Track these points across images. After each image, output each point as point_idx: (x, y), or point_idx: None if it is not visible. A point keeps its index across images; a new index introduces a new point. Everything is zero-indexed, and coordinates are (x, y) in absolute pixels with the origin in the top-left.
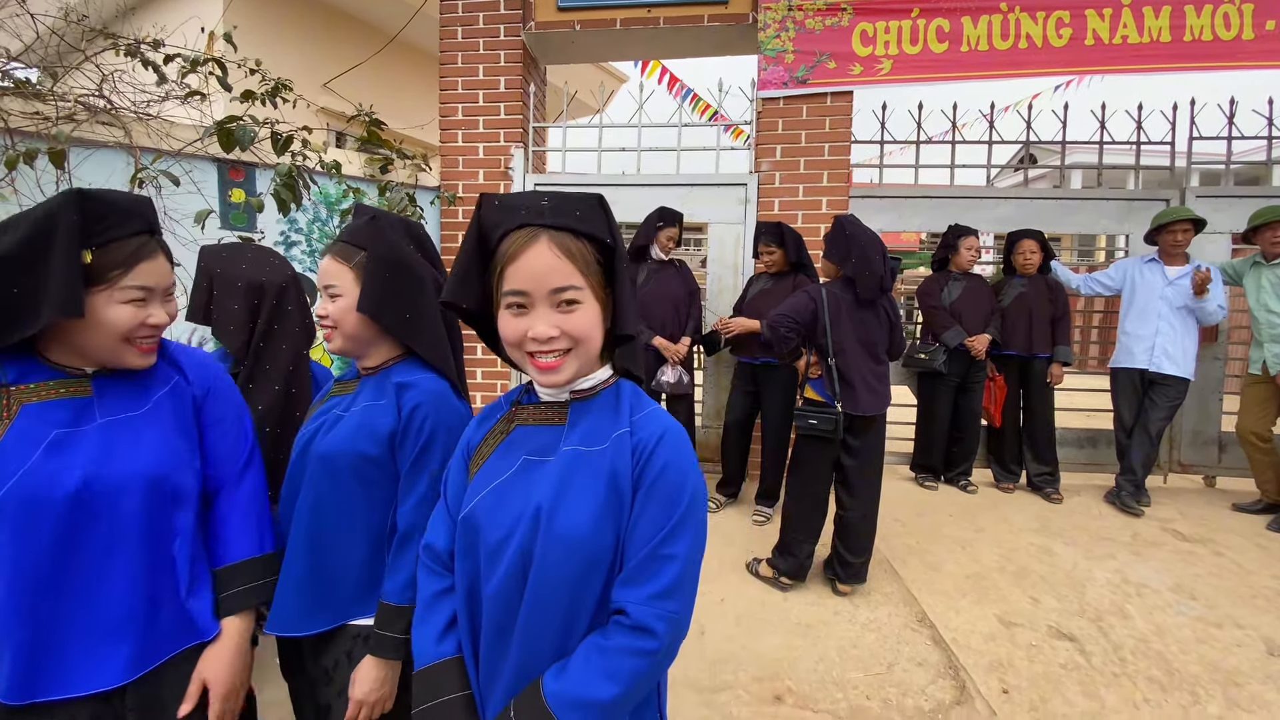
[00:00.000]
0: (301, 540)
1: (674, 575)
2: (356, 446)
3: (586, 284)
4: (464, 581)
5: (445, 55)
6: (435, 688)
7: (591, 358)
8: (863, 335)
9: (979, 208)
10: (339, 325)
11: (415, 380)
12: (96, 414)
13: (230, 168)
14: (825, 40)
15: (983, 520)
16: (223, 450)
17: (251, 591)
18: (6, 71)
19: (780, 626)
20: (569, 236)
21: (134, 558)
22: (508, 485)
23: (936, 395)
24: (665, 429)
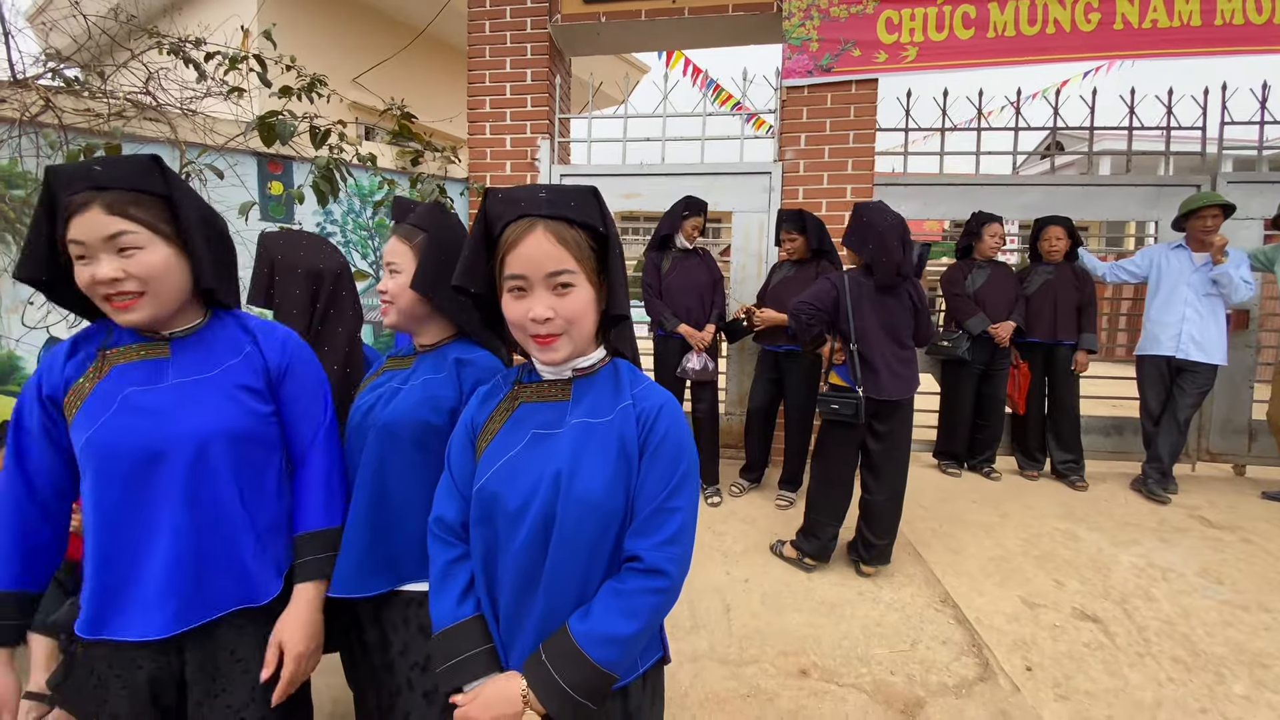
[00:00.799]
0: (364, 505)
1: (679, 524)
2: (419, 415)
3: (580, 268)
4: (481, 547)
5: (473, 49)
6: (458, 645)
7: (586, 337)
8: (886, 320)
9: (1005, 195)
10: (395, 300)
11: (474, 357)
12: (170, 374)
13: (269, 161)
14: (850, 28)
15: (1006, 506)
16: (300, 425)
17: (320, 563)
18: (58, 70)
19: (805, 605)
20: (564, 225)
21: (183, 514)
22: (521, 457)
23: (960, 382)
24: (664, 401)
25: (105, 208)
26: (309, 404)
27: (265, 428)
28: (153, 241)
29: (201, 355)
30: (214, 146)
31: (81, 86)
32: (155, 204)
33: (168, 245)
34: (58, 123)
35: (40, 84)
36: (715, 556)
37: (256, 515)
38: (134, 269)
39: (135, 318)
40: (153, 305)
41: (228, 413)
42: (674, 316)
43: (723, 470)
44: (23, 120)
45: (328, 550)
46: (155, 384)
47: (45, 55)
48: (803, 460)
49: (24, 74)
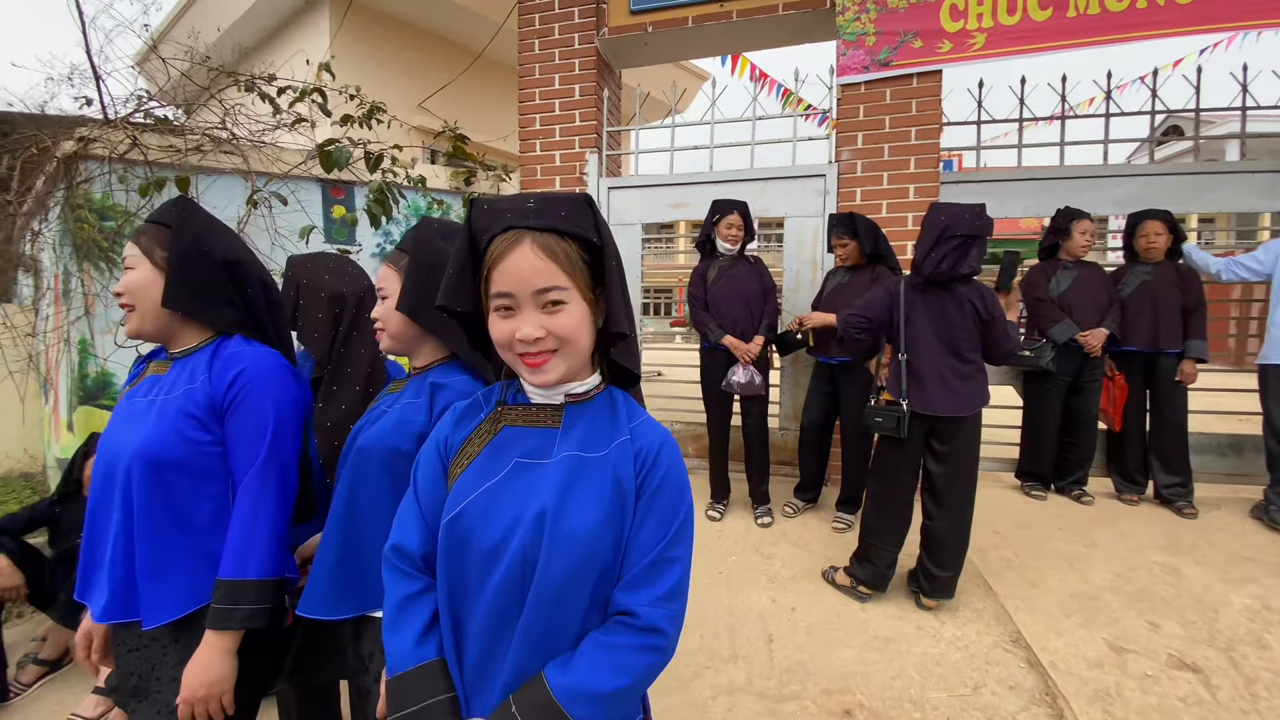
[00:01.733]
0: (336, 527)
1: (678, 577)
2: (390, 441)
3: (572, 284)
4: (447, 587)
5: (523, 68)
6: (418, 691)
7: (581, 358)
8: (942, 330)
9: (1095, 188)
10: (385, 325)
11: (450, 381)
12: (158, 391)
13: (333, 186)
14: (910, 18)
15: (1097, 535)
16: (234, 464)
17: (217, 613)
18: (148, 111)
19: (855, 639)
20: (553, 237)
21: (119, 519)
22: (501, 487)
23: (1045, 397)
24: (664, 438)
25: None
26: (245, 444)
27: (200, 456)
28: (142, 263)
29: (176, 377)
30: (280, 175)
31: (164, 124)
32: (158, 233)
33: (153, 269)
34: (143, 159)
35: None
36: (760, 581)
37: (168, 540)
38: (125, 284)
39: (129, 327)
40: (136, 318)
41: (159, 436)
42: (719, 328)
43: (775, 489)
44: (111, 158)
45: (226, 601)
46: (143, 397)
47: (136, 97)
48: (862, 480)
49: (116, 115)
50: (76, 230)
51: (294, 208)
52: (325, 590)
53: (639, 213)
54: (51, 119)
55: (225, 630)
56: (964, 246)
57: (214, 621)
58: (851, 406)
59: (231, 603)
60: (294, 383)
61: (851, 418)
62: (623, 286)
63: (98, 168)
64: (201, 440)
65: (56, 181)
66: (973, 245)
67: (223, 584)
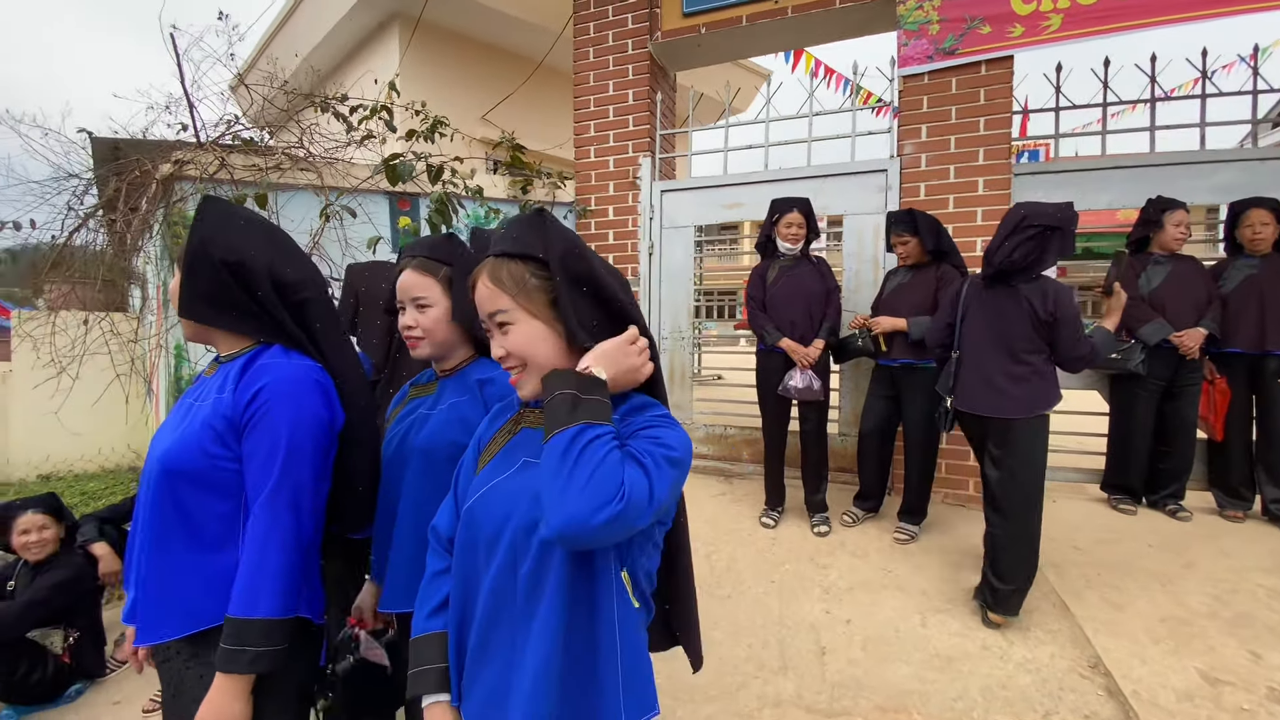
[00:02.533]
0: (408, 525)
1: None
2: (450, 436)
3: (515, 304)
4: (461, 573)
5: (578, 75)
6: (417, 657)
7: (547, 369)
8: (995, 329)
9: (1190, 175)
10: (429, 335)
11: (494, 375)
12: (198, 395)
13: (399, 198)
14: (977, 3)
15: (1194, 553)
16: (248, 481)
17: (225, 654)
18: (235, 134)
19: (915, 656)
20: (505, 261)
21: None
22: (507, 483)
23: (1135, 402)
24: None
25: None
26: (257, 467)
27: (215, 471)
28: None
29: (213, 383)
30: (350, 189)
31: (249, 145)
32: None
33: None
34: (230, 178)
35: (217, 145)
36: (814, 591)
37: (172, 552)
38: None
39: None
40: (187, 326)
41: (181, 445)
42: (775, 330)
43: (834, 497)
44: (202, 178)
45: (233, 641)
46: (190, 400)
47: (225, 121)
48: (925, 490)
49: (207, 138)
50: (173, 245)
51: (363, 220)
52: (407, 584)
53: (692, 215)
54: (151, 144)
55: (233, 673)
56: (1041, 237)
57: (221, 663)
58: (916, 412)
59: (238, 643)
60: (320, 401)
61: (914, 423)
62: (595, 294)
63: (191, 187)
64: (217, 455)
65: (157, 201)
66: (1052, 237)
67: (231, 622)
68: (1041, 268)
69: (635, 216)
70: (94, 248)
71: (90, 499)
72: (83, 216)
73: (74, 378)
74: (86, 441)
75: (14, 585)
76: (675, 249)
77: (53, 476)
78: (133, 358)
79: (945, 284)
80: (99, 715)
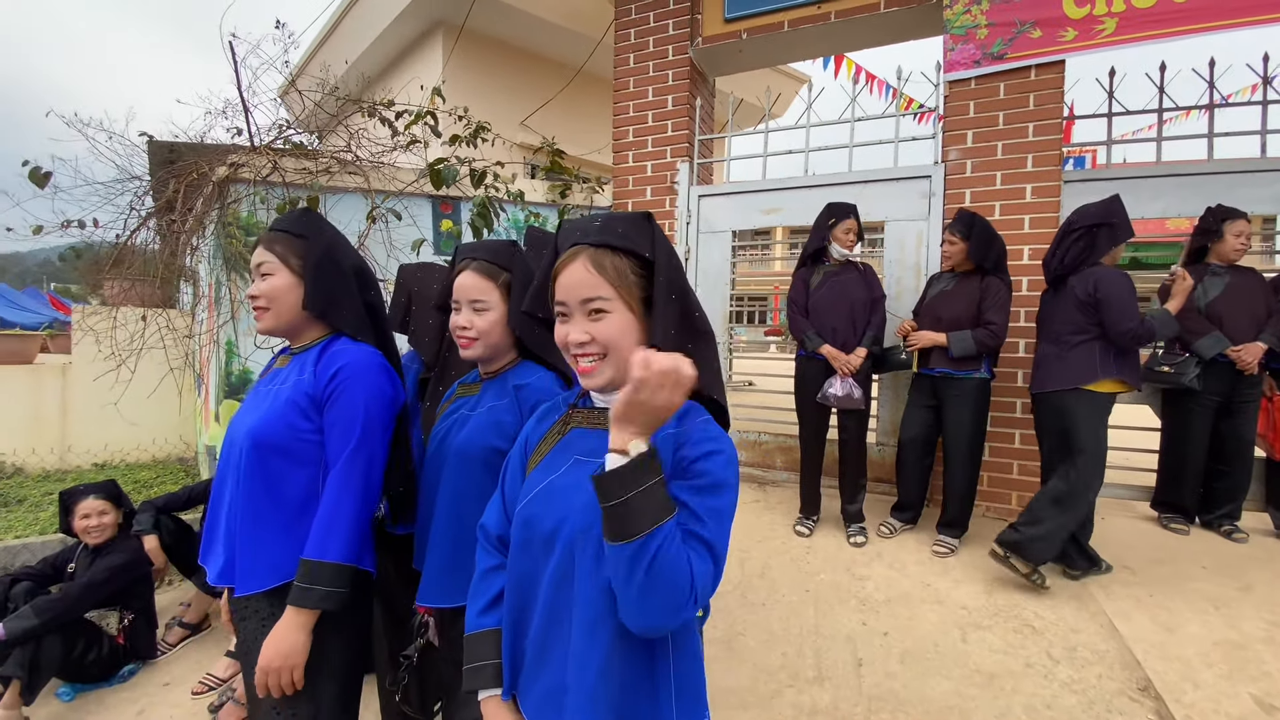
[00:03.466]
0: (444, 523)
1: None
2: (487, 441)
3: (616, 294)
4: (517, 574)
5: (618, 81)
6: (474, 652)
7: (625, 363)
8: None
9: (1251, 183)
10: (484, 337)
11: (529, 380)
12: (277, 381)
13: (442, 202)
14: (1027, 7)
15: (1251, 576)
16: (329, 450)
17: (297, 591)
18: (287, 138)
19: (955, 671)
20: (606, 252)
21: (231, 493)
22: (560, 482)
23: (1189, 418)
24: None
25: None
26: (339, 434)
27: (298, 443)
28: (280, 270)
29: (291, 370)
30: (395, 192)
31: (300, 149)
32: (293, 243)
33: (291, 274)
34: (282, 180)
35: (270, 149)
36: (851, 602)
37: (263, 515)
38: (264, 288)
39: (262, 325)
40: (270, 318)
41: (267, 421)
42: (817, 336)
43: (872, 507)
44: (255, 180)
45: (304, 581)
46: (266, 387)
47: (277, 126)
48: (967, 502)
49: (260, 142)
50: (227, 245)
51: (407, 222)
52: (440, 581)
53: (730, 220)
54: (209, 148)
55: (302, 608)
56: (1089, 235)
57: (293, 598)
58: (958, 422)
59: (309, 582)
60: (389, 382)
61: (956, 434)
62: (682, 304)
63: (245, 189)
64: (302, 428)
65: (212, 202)
66: (1099, 233)
67: (304, 563)
68: (1093, 262)
69: (672, 221)
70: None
71: (143, 487)
72: (143, 216)
73: (132, 370)
74: (141, 432)
75: (74, 568)
76: (712, 253)
77: (107, 465)
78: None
79: (989, 295)
80: (150, 696)
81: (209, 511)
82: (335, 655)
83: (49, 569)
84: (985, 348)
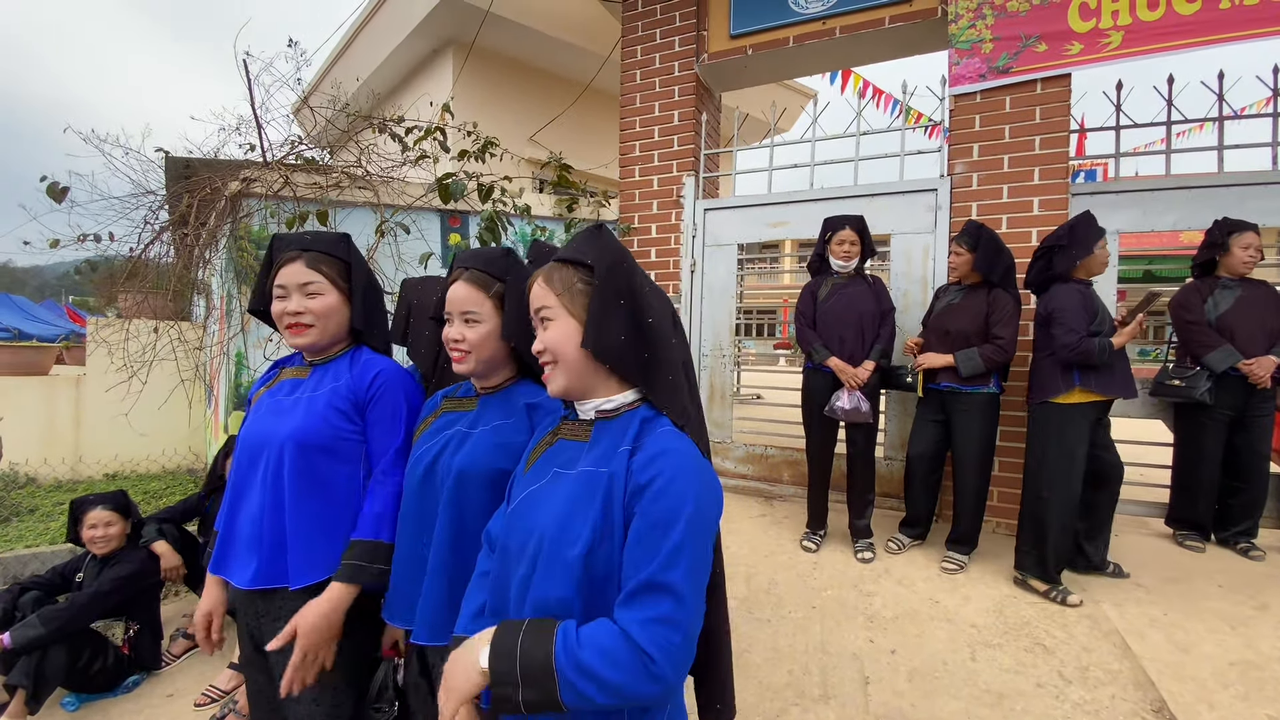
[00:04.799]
0: (443, 554)
1: (668, 608)
2: (496, 464)
3: (558, 302)
4: (495, 575)
5: (625, 97)
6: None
7: (578, 371)
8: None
9: (1261, 196)
10: (475, 350)
11: (541, 400)
12: (302, 391)
13: (450, 216)
14: (1032, 21)
15: (1268, 595)
16: (374, 447)
17: (349, 568)
18: (299, 153)
19: (964, 691)
20: (560, 266)
21: (264, 495)
22: (537, 494)
23: (1202, 433)
24: (664, 449)
25: (306, 262)
26: (383, 431)
27: (342, 442)
28: (329, 290)
29: (320, 378)
30: (404, 206)
31: (311, 164)
32: (338, 265)
33: (339, 295)
34: (293, 195)
35: (282, 164)
36: (858, 619)
37: (315, 512)
38: (314, 306)
39: (303, 340)
40: (315, 334)
41: (309, 424)
42: (824, 348)
43: (880, 522)
44: (267, 195)
45: (361, 559)
46: (292, 395)
47: (289, 141)
48: (976, 518)
49: (272, 158)
50: (239, 258)
51: (415, 236)
52: (443, 620)
53: (736, 233)
54: (222, 163)
55: (352, 584)
56: (1046, 255)
57: (345, 575)
58: (967, 437)
59: (368, 560)
60: (416, 387)
61: (967, 449)
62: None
63: (256, 204)
64: (345, 429)
65: (224, 217)
66: (1055, 253)
67: (358, 544)
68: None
69: (678, 234)
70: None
71: (152, 498)
72: (158, 230)
73: (144, 382)
74: (151, 443)
75: (82, 577)
76: (718, 267)
77: (118, 475)
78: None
79: (996, 309)
80: (154, 707)
81: (224, 520)
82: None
83: (57, 578)
84: (993, 364)
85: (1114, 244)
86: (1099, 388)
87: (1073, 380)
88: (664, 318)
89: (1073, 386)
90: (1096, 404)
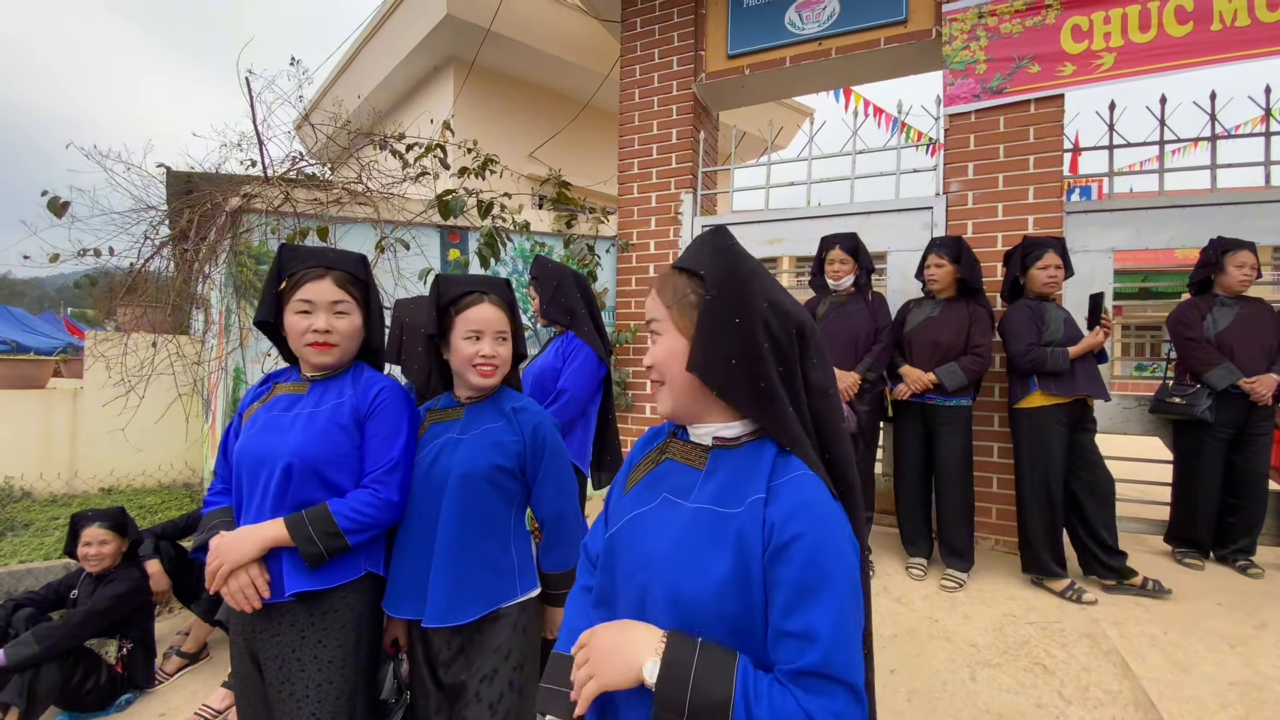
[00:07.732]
0: (447, 547)
1: (819, 655)
2: (492, 460)
3: (668, 316)
4: (599, 591)
5: (624, 115)
6: (551, 674)
7: (686, 392)
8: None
9: (1255, 214)
10: (503, 365)
11: (524, 404)
12: (301, 407)
13: (449, 232)
14: (1026, 43)
15: (1267, 613)
16: (369, 459)
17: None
18: (300, 169)
19: (964, 712)
20: (676, 274)
21: (260, 516)
22: (648, 518)
23: (1201, 451)
24: (803, 500)
25: (335, 281)
26: (379, 445)
27: (343, 458)
28: (355, 311)
29: (321, 394)
30: (404, 222)
31: (312, 180)
32: (360, 286)
33: (362, 316)
34: (293, 211)
35: (283, 180)
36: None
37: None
38: (342, 326)
39: (328, 359)
40: (338, 353)
41: (311, 442)
42: None
43: (878, 540)
44: (268, 211)
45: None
46: (289, 412)
47: (290, 158)
48: (966, 531)
49: (273, 173)
50: (238, 273)
51: (415, 252)
52: (450, 602)
53: None
54: (223, 179)
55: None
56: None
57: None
58: (950, 452)
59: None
60: (414, 406)
61: (950, 465)
62: (712, 328)
63: (257, 220)
64: (345, 445)
65: (224, 232)
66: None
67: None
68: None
69: (676, 251)
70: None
71: (148, 512)
72: (158, 245)
73: (141, 396)
74: (148, 458)
75: (77, 594)
76: None
77: (114, 490)
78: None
79: (977, 321)
80: None
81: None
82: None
83: (52, 594)
84: (973, 375)
85: (1109, 261)
86: (1059, 390)
87: (1029, 386)
88: (787, 339)
89: (1030, 391)
90: (1063, 406)
